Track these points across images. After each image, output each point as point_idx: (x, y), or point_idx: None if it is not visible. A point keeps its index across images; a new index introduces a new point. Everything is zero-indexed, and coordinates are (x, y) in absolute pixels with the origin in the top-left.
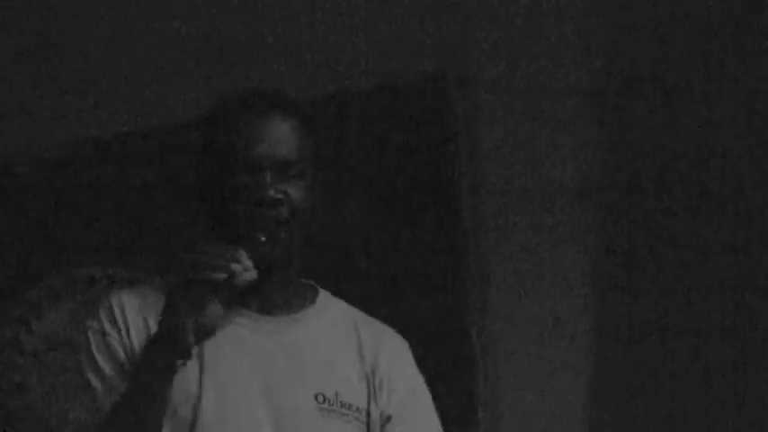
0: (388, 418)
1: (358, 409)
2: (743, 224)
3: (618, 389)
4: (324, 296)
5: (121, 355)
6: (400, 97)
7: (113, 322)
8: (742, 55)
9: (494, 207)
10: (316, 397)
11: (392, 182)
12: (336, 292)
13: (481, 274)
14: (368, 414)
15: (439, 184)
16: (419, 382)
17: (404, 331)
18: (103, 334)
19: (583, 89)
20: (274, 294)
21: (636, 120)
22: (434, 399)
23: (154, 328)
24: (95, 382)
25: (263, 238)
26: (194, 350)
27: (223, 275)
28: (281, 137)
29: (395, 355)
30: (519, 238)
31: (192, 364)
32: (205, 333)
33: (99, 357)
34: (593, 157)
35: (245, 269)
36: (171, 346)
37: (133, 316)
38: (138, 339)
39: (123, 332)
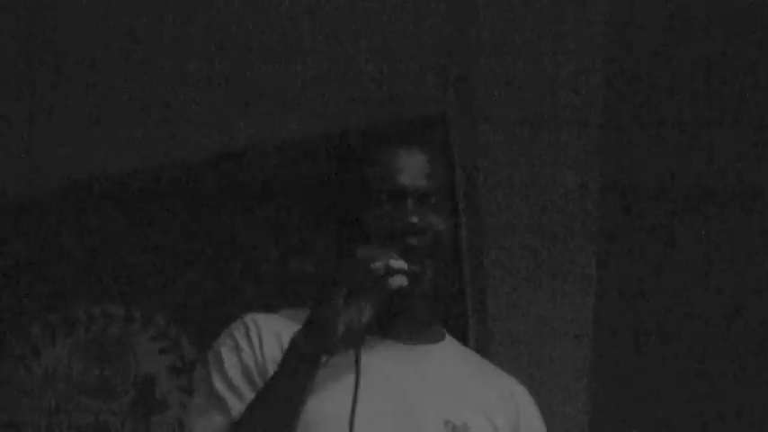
0: None
1: None
2: (744, 226)
3: (619, 389)
4: (450, 338)
5: (254, 370)
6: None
7: (248, 338)
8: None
9: (493, 211)
10: (446, 423)
11: None
12: None
13: (479, 279)
14: None
15: None
16: None
17: None
18: (238, 350)
19: (581, 121)
20: (407, 324)
21: (635, 135)
22: None
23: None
24: (230, 399)
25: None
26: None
27: (380, 265)
28: (420, 168)
29: (535, 417)
30: (518, 239)
31: (331, 381)
32: (352, 334)
33: (232, 374)
34: (593, 162)
35: (401, 268)
36: (319, 337)
37: (267, 332)
38: (270, 355)
39: (257, 347)
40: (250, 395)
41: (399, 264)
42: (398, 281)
